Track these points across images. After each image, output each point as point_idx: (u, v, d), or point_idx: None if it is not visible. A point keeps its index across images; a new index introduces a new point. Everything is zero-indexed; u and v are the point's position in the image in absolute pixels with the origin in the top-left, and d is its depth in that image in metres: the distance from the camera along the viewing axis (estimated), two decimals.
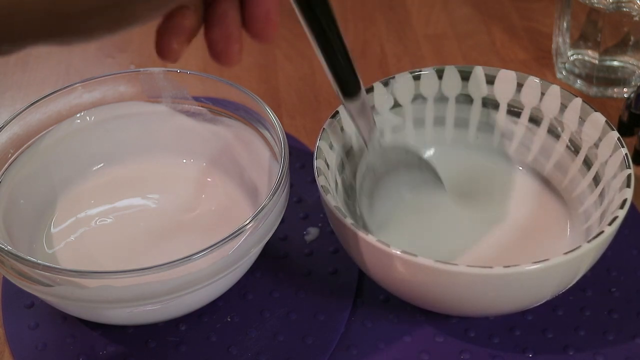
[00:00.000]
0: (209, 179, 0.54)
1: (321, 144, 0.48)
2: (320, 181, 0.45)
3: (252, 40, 0.37)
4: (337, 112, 0.50)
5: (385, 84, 0.52)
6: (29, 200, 0.51)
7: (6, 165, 0.50)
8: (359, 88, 0.45)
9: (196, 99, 0.54)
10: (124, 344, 0.47)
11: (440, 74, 0.52)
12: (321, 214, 0.53)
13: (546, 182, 0.52)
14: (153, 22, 0.34)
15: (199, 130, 0.54)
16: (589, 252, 0.41)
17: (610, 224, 0.42)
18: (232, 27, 0.36)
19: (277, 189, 0.45)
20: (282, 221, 0.48)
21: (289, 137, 0.57)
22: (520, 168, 0.53)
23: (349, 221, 0.43)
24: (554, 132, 0.51)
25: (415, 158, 0.51)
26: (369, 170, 0.49)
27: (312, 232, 0.53)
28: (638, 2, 0.58)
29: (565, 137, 0.51)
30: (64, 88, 0.52)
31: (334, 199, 0.44)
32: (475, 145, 0.54)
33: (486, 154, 0.54)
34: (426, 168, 0.51)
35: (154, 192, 0.54)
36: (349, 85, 0.44)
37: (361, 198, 0.49)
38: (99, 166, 0.54)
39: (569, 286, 0.44)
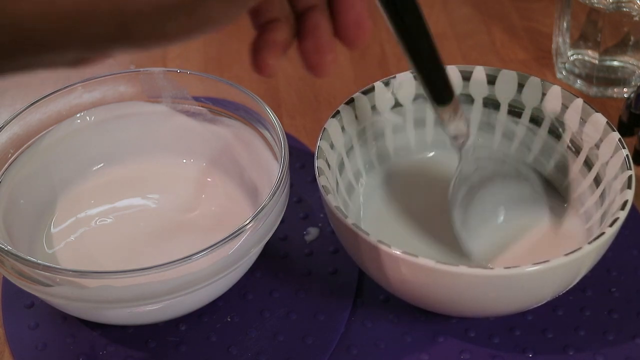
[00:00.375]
0: (209, 179, 0.54)
1: (322, 144, 0.48)
2: (321, 181, 0.45)
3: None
4: (338, 111, 0.50)
5: (386, 83, 0.52)
6: (29, 200, 0.50)
7: (6, 165, 0.50)
8: (452, 95, 0.44)
9: (196, 99, 0.54)
10: (124, 344, 0.47)
11: None
12: (321, 214, 0.53)
13: (547, 182, 0.52)
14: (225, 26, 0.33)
15: (199, 130, 0.54)
16: (590, 253, 0.41)
17: (611, 225, 0.42)
18: (324, 38, 0.36)
19: (277, 189, 0.45)
20: (282, 221, 0.48)
21: (289, 137, 0.57)
22: (521, 168, 0.53)
23: (349, 221, 0.43)
24: (554, 133, 0.51)
25: (513, 169, 0.50)
26: (463, 180, 0.48)
27: (312, 232, 0.53)
28: (638, 2, 0.58)
29: (566, 138, 0.51)
30: (64, 88, 0.52)
31: (334, 199, 0.44)
32: (476, 146, 0.54)
33: (486, 154, 0.54)
34: (526, 180, 0.50)
35: (154, 192, 0.54)
36: (441, 92, 0.44)
37: (454, 210, 0.48)
38: (99, 166, 0.54)
39: (569, 287, 0.44)
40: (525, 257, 0.48)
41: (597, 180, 0.48)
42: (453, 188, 0.48)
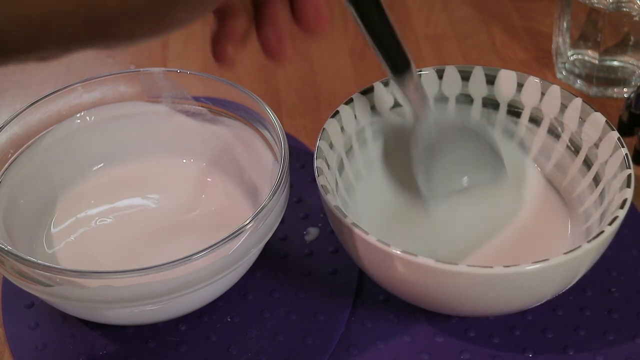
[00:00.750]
0: (209, 179, 0.54)
1: (321, 144, 0.48)
2: (321, 181, 0.45)
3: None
4: (337, 111, 0.50)
5: (386, 84, 0.52)
6: (29, 200, 0.51)
7: (6, 165, 0.50)
8: (408, 64, 0.46)
9: (196, 99, 0.54)
10: (124, 344, 0.47)
11: (440, 74, 0.52)
12: (321, 214, 0.53)
13: (546, 182, 0.52)
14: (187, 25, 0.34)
15: (199, 130, 0.54)
16: (589, 252, 0.41)
17: (610, 224, 0.42)
18: (283, 25, 0.37)
19: (277, 189, 0.45)
20: (282, 221, 0.48)
21: (289, 137, 0.57)
22: (520, 168, 0.53)
23: (349, 221, 0.43)
24: (554, 132, 0.51)
25: (474, 134, 0.50)
26: (423, 145, 0.49)
27: (312, 232, 0.53)
28: (638, 2, 0.58)
29: (565, 137, 0.51)
30: (64, 88, 0.52)
31: (334, 199, 0.44)
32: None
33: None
34: (485, 146, 0.50)
35: (154, 192, 0.54)
36: (398, 61, 0.46)
37: (418, 173, 0.49)
38: (99, 166, 0.54)
39: (569, 286, 0.44)
40: (524, 257, 0.48)
41: (597, 180, 0.48)
42: (416, 155, 0.49)
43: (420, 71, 0.52)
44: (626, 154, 0.46)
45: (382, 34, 0.44)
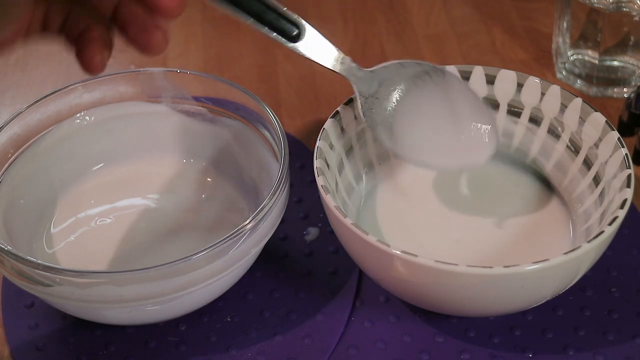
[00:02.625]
0: (209, 179, 0.54)
1: (321, 144, 0.48)
2: (320, 181, 0.45)
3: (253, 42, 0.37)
4: (337, 112, 0.50)
5: None
6: (29, 200, 0.51)
7: (6, 165, 0.50)
8: (299, 27, 0.44)
9: (196, 99, 0.54)
10: (124, 344, 0.47)
11: None
12: (321, 214, 0.53)
13: (546, 182, 0.52)
14: None
15: (199, 130, 0.54)
16: (589, 252, 0.41)
17: (610, 224, 0.42)
18: (146, 19, 0.37)
19: (277, 189, 0.45)
20: (282, 221, 0.48)
21: (289, 137, 0.57)
22: (520, 168, 0.53)
23: (349, 221, 0.43)
24: (554, 132, 0.51)
25: (416, 67, 0.47)
26: (369, 98, 0.47)
27: (312, 232, 0.53)
28: (638, 2, 0.58)
29: (565, 137, 0.51)
30: (64, 88, 0.52)
31: (334, 199, 0.44)
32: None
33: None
34: (434, 73, 0.47)
35: (154, 192, 0.54)
36: (287, 29, 0.44)
37: (377, 131, 0.47)
38: (99, 166, 0.54)
39: (569, 286, 0.44)
40: (524, 257, 0.48)
41: (597, 180, 0.48)
42: (364, 112, 0.47)
43: None
44: (626, 154, 0.46)
45: (257, 9, 0.42)
